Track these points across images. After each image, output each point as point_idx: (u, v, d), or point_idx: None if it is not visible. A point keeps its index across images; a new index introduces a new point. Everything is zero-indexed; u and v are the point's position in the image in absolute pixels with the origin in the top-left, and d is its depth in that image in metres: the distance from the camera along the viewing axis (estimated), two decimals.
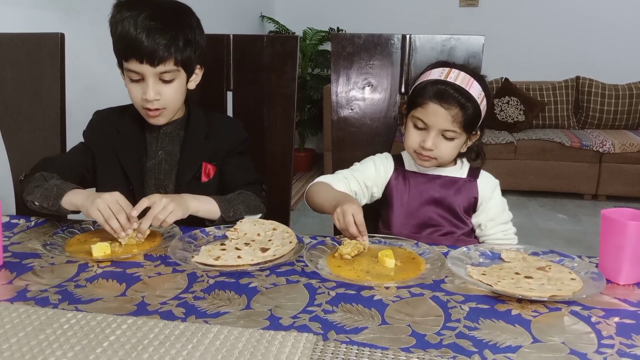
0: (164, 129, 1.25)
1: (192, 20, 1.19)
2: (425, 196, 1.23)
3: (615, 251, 0.88)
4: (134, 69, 1.13)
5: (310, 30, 4.71)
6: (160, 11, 1.13)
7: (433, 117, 1.14)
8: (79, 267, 0.92)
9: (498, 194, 1.26)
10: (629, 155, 3.86)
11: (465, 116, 1.13)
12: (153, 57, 1.11)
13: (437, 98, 1.13)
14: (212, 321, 0.74)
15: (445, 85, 1.13)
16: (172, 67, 1.14)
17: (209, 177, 1.26)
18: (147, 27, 1.10)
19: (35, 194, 1.08)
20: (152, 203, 1.03)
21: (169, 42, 1.12)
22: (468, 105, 1.13)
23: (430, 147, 1.15)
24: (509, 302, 0.80)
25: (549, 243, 3.00)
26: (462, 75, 1.15)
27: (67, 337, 0.68)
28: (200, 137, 1.26)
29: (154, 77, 1.13)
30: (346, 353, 0.66)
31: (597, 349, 0.68)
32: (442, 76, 1.15)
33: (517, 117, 4.23)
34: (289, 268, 0.92)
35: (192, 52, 1.17)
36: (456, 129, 1.14)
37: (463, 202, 1.22)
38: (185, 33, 1.15)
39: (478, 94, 1.15)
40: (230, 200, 1.17)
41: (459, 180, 1.23)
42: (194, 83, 1.24)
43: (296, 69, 1.39)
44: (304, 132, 4.66)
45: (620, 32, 4.36)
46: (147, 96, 1.14)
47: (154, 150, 1.25)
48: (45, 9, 2.07)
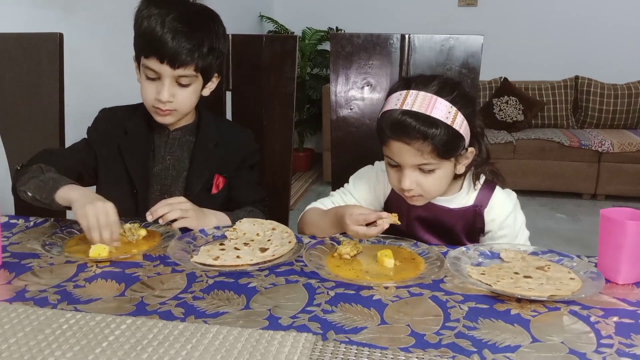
0: (173, 134, 1.24)
1: (219, 27, 1.18)
2: (425, 222, 1.14)
3: (614, 251, 0.88)
4: (153, 67, 1.11)
5: (309, 30, 4.71)
6: (189, 14, 1.12)
7: (399, 155, 1.01)
8: (78, 267, 0.92)
9: (511, 221, 1.10)
10: (628, 155, 3.86)
11: (435, 144, 0.97)
12: (175, 59, 1.09)
13: (396, 134, 0.99)
14: (211, 321, 0.74)
15: (401, 115, 0.98)
16: (191, 72, 1.13)
17: (219, 189, 1.24)
18: (174, 28, 1.08)
19: (30, 185, 1.06)
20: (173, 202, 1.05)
21: (194, 47, 1.10)
22: (433, 132, 0.96)
23: (409, 187, 1.02)
24: (508, 302, 0.80)
25: (548, 242, 3.00)
26: (420, 97, 0.98)
27: (66, 337, 0.68)
28: (210, 146, 1.24)
29: (171, 78, 1.12)
30: (345, 353, 0.66)
31: (596, 349, 0.68)
32: (398, 104, 0.99)
33: (516, 117, 4.23)
34: (288, 268, 0.92)
35: (214, 60, 1.16)
36: (430, 161, 0.99)
37: (467, 230, 1.12)
38: (210, 40, 1.13)
39: (446, 113, 0.98)
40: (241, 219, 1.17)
41: (463, 210, 1.11)
42: (208, 90, 1.23)
43: (295, 68, 1.39)
44: (303, 131, 4.66)
45: (619, 32, 4.36)
46: (160, 96, 1.12)
47: (162, 155, 1.23)
48: (43, 9, 2.07)
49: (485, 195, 1.12)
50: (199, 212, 1.11)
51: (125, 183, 1.22)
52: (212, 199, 1.21)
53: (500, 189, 1.13)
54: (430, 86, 1.00)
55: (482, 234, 1.15)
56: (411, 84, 1.02)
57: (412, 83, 1.02)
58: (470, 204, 1.12)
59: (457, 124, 0.99)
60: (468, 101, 1.02)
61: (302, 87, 4.49)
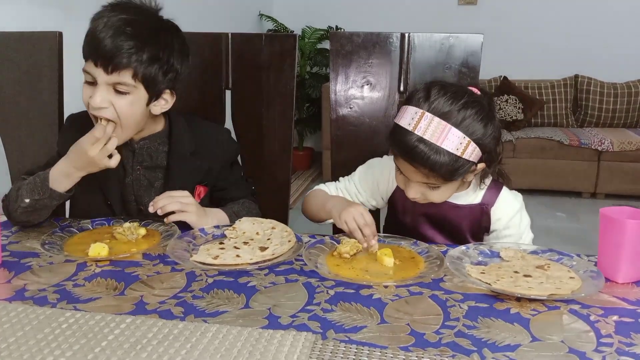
0: (140, 143, 1.17)
1: (174, 41, 1.08)
2: (430, 219, 1.14)
3: (614, 250, 0.88)
4: (88, 69, 1.03)
5: (309, 29, 4.70)
6: (138, 20, 1.04)
7: (406, 171, 1.02)
8: (77, 267, 0.92)
9: (517, 221, 1.11)
10: (627, 154, 3.86)
11: (442, 172, 0.97)
12: (109, 60, 1.00)
13: (405, 156, 0.99)
14: (211, 320, 0.74)
15: (412, 140, 0.96)
16: (128, 80, 1.02)
17: (201, 198, 1.21)
18: (115, 27, 1.00)
19: (21, 196, 1.06)
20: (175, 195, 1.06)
21: (131, 49, 1.00)
22: (440, 163, 0.95)
23: (413, 197, 1.04)
24: (508, 301, 0.80)
25: (548, 241, 2.99)
26: (434, 125, 0.95)
27: (65, 336, 0.68)
28: (185, 154, 1.18)
29: (105, 85, 1.03)
30: (345, 352, 0.66)
31: (596, 348, 0.68)
32: (411, 126, 0.97)
33: (515, 116, 4.23)
34: (288, 267, 0.92)
35: (159, 72, 1.05)
36: (436, 182, 1.00)
37: (472, 228, 1.13)
38: (155, 48, 1.04)
39: (457, 144, 0.95)
40: (238, 213, 1.18)
41: (470, 207, 1.11)
42: (159, 108, 1.11)
43: (295, 67, 1.38)
44: (303, 130, 4.65)
45: (619, 31, 4.36)
46: (92, 101, 1.02)
47: (131, 165, 1.18)
48: (42, 7, 2.07)
49: (493, 193, 1.12)
50: (200, 209, 1.10)
51: (97, 193, 1.18)
52: None
53: (507, 189, 1.14)
54: (448, 112, 0.96)
55: (487, 233, 1.15)
56: (430, 96, 0.98)
57: (432, 99, 0.97)
58: (477, 202, 1.12)
59: (468, 153, 0.97)
60: (488, 120, 0.99)
61: (302, 85, 4.48)
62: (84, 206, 1.22)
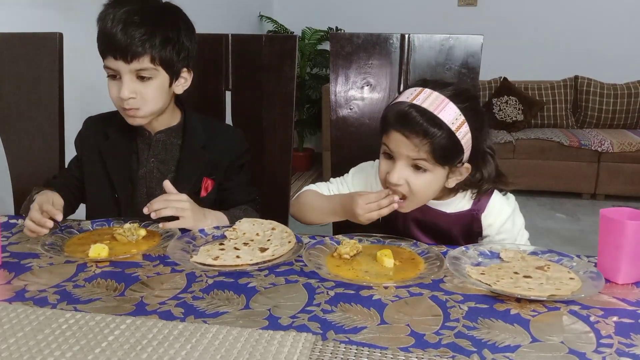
0: (156, 136, 1.21)
1: (179, 20, 1.15)
2: (420, 225, 1.13)
3: (614, 250, 0.88)
4: (110, 65, 1.09)
5: (309, 30, 4.70)
6: (142, 9, 1.10)
7: (395, 145, 1.00)
8: (77, 267, 0.92)
9: (509, 226, 1.10)
10: (627, 155, 3.86)
11: (434, 145, 0.96)
12: (126, 52, 1.06)
13: (399, 123, 0.98)
14: (211, 321, 0.74)
15: (409, 107, 0.97)
16: (148, 65, 1.09)
17: (208, 191, 1.23)
18: (123, 20, 1.06)
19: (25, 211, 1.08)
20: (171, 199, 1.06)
21: (144, 37, 1.07)
22: (434, 131, 0.95)
23: (397, 181, 1.00)
24: (508, 302, 0.80)
25: (548, 242, 3.00)
26: (434, 96, 0.98)
27: (65, 337, 0.68)
28: (197, 147, 1.22)
29: (129, 74, 1.09)
30: (345, 353, 0.66)
31: (596, 349, 0.68)
32: (410, 97, 0.99)
33: (515, 117, 4.23)
34: (288, 268, 0.92)
35: (173, 53, 1.12)
36: (425, 158, 0.98)
37: (464, 233, 1.11)
38: (165, 31, 1.10)
39: (452, 119, 0.97)
40: (238, 217, 1.17)
41: (459, 215, 1.10)
42: (181, 87, 1.18)
43: (295, 68, 1.39)
44: (303, 131, 4.66)
45: (618, 32, 4.36)
46: (121, 94, 1.09)
47: (146, 157, 1.22)
48: (43, 9, 2.07)
49: (483, 200, 1.10)
50: (198, 214, 1.09)
51: (106, 187, 1.21)
52: (200, 202, 1.20)
53: (498, 194, 1.12)
54: (445, 89, 1.00)
55: (481, 237, 1.14)
56: (428, 84, 1.02)
57: (430, 83, 1.02)
58: (466, 209, 1.10)
59: (461, 133, 0.98)
60: (478, 117, 1.01)
61: (302, 87, 4.49)
62: (93, 202, 1.24)
